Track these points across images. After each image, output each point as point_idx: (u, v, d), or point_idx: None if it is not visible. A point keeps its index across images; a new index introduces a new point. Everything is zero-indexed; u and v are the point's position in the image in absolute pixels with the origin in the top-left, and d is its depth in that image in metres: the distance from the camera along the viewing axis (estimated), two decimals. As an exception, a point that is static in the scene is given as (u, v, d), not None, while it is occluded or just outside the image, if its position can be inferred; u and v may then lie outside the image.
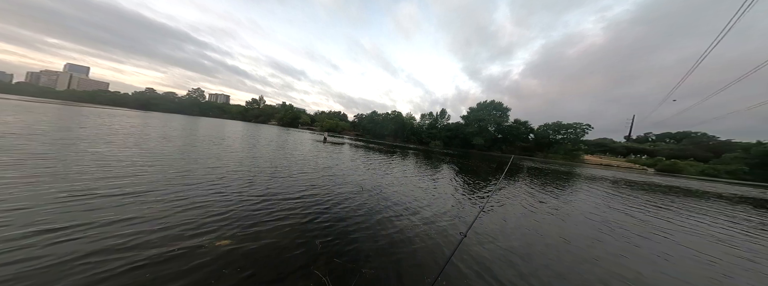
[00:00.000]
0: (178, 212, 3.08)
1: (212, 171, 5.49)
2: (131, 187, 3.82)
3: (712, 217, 6.71)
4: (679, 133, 73.68)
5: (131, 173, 4.63)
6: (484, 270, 2.59)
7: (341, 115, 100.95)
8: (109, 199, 3.24)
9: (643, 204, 7.68)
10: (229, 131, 20.49)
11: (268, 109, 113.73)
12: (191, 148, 8.51)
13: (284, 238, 2.63)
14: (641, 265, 3.21)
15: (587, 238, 4.09)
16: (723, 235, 5.01)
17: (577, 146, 53.59)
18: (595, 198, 7.96)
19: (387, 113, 78.56)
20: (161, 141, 9.62)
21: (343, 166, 8.63)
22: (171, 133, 13.36)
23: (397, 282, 2.14)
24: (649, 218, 5.98)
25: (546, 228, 4.32)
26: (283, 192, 4.46)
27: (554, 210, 5.66)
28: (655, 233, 4.67)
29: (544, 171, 17.22)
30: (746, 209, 8.48)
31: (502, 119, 60.09)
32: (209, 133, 16.59)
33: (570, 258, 3.20)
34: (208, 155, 7.43)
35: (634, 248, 3.77)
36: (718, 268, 3.39)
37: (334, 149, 15.47)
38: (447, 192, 6.45)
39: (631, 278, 2.81)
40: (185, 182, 4.36)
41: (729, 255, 3.90)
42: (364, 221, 3.45)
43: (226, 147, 10.14)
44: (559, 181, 11.82)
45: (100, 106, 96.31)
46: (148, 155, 6.43)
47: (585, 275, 2.82)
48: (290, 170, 6.80)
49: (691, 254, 3.84)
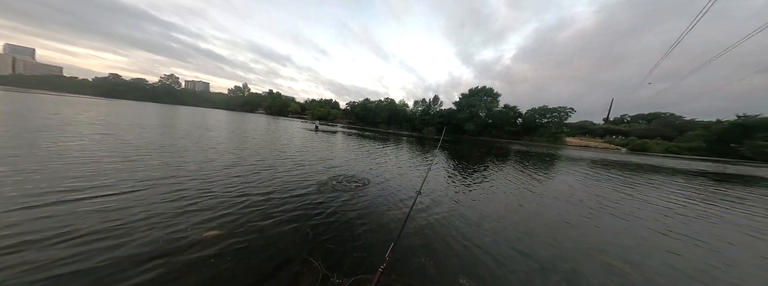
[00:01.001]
0: (164, 203, 2.96)
1: (197, 163, 5.23)
2: (112, 179, 3.66)
3: (656, 188, 7.71)
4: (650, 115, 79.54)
5: (116, 165, 4.40)
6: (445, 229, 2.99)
7: (333, 103, 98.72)
8: (91, 198, 3.01)
9: (612, 180, 8.54)
10: (213, 121, 19.23)
11: (254, 98, 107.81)
12: (173, 139, 7.99)
13: (274, 228, 2.57)
14: (605, 235, 3.45)
15: (554, 207, 4.65)
16: (663, 202, 5.80)
17: (560, 129, 56.91)
18: (566, 177, 8.55)
19: (380, 101, 78.03)
20: (142, 131, 9.09)
21: (334, 155, 8.35)
22: (147, 122, 12.86)
23: (392, 263, 2.15)
24: (616, 193, 6.59)
25: (511, 202, 4.72)
26: (271, 182, 4.32)
27: (523, 189, 5.87)
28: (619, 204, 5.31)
29: (529, 154, 18.12)
30: (684, 181, 9.81)
31: (492, 105, 61.81)
32: (192, 121, 15.65)
33: (539, 224, 3.64)
34: (193, 148, 7.01)
35: (599, 222, 4.06)
36: (646, 226, 3.89)
37: (325, 137, 14.77)
38: (433, 174, 6.71)
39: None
40: (169, 175, 4.14)
41: (668, 218, 4.57)
42: (354, 208, 3.43)
43: (211, 138, 9.59)
44: (538, 163, 11.98)
45: (56, 93, 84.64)
46: (132, 147, 6.10)
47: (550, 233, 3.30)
48: (279, 159, 6.47)
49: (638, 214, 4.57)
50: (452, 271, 2.18)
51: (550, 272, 2.35)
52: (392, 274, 2.04)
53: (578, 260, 2.66)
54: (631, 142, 55.20)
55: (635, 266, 2.63)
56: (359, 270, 2.03)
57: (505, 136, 61.87)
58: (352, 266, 2.07)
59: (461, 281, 2.04)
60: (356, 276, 1.94)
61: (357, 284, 1.87)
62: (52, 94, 58.47)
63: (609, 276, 2.38)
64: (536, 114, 59.06)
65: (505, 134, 62.16)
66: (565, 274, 2.35)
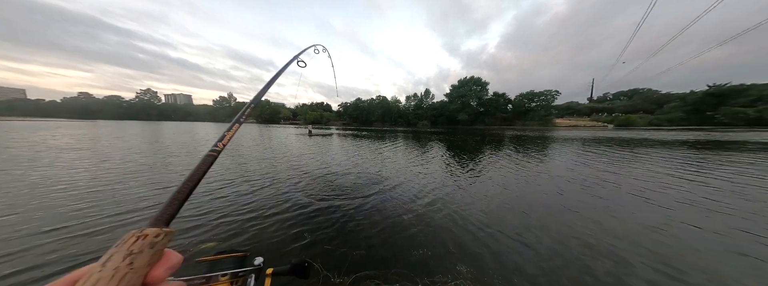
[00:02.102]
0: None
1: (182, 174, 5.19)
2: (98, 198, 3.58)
3: (640, 159, 7.96)
4: (629, 91, 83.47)
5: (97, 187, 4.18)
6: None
7: (325, 106, 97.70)
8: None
9: (605, 156, 8.72)
10: (202, 135, 18.29)
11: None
12: (161, 157, 7.53)
13: (271, 235, 2.55)
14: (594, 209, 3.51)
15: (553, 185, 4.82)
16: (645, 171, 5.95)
17: (548, 111, 58.84)
18: (564, 156, 8.62)
19: (372, 99, 77.90)
20: (128, 151, 8.58)
21: (327, 157, 8.21)
22: (132, 141, 12.13)
23: (388, 257, 2.20)
24: (607, 167, 6.77)
25: (512, 181, 4.97)
26: (263, 190, 4.23)
27: (522, 176, 5.80)
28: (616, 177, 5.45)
29: (522, 138, 18.33)
30: (661, 151, 10.17)
31: (482, 93, 63.01)
32: (178, 139, 14.03)
33: (530, 197, 3.92)
34: (180, 162, 6.82)
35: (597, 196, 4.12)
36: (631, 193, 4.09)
37: (319, 141, 14.53)
38: (427, 169, 6.47)
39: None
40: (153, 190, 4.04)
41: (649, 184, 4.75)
42: (349, 208, 3.40)
43: (200, 152, 9.33)
44: (533, 147, 11.90)
45: (23, 118, 77.59)
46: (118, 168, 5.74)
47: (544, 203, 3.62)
48: (271, 168, 6.32)
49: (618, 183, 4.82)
50: (450, 260, 2.17)
51: (552, 263, 2.16)
52: (392, 267, 2.04)
53: (589, 252, 2.34)
54: (616, 118, 57.84)
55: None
56: (360, 268, 2.02)
57: (498, 122, 63.36)
58: (352, 265, 2.06)
59: (459, 268, 2.05)
60: (357, 273, 1.95)
61: (358, 281, 1.88)
62: (22, 120, 54.64)
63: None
64: (525, 99, 60.75)
65: (498, 121, 63.66)
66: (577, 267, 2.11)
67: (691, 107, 49.83)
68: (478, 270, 2.05)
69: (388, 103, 75.43)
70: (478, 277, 1.97)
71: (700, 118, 47.53)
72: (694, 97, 50.25)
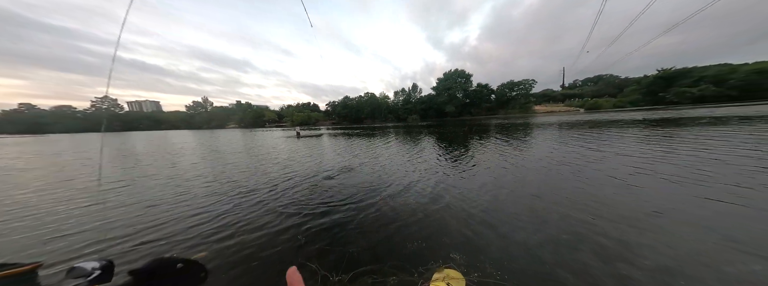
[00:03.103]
0: (143, 231, 2.87)
1: (172, 188, 4.89)
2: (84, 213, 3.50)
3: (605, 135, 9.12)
4: (595, 77, 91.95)
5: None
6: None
7: (312, 106, 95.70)
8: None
9: (582, 137, 9.53)
10: (180, 144, 16.45)
11: (219, 112, 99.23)
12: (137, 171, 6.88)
13: (265, 241, 2.52)
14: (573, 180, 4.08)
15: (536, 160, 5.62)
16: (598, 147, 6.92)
17: (528, 99, 63.52)
18: (546, 143, 8.84)
19: (360, 96, 78.11)
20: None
21: (317, 159, 7.99)
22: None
23: (383, 252, 2.22)
24: (586, 144, 7.54)
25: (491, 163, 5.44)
26: (251, 197, 4.08)
27: (508, 161, 5.96)
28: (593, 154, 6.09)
29: (506, 126, 19.09)
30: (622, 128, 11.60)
31: (467, 85, 66.13)
32: (150, 151, 12.69)
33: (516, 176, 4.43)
34: (164, 174, 6.32)
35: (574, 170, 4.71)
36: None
37: (308, 142, 14.10)
38: (418, 162, 6.51)
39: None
40: (149, 208, 3.76)
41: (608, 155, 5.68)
42: (343, 207, 3.36)
43: (182, 163, 8.35)
44: (515, 134, 12.48)
45: None
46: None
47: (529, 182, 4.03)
48: (257, 172, 6.15)
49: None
50: (444, 249, 2.21)
51: (540, 239, 2.31)
52: (388, 261, 2.06)
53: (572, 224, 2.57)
54: (586, 102, 63.97)
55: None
56: (357, 264, 2.05)
57: (483, 112, 67.14)
58: (350, 263, 2.07)
59: (452, 255, 2.09)
60: (355, 270, 1.97)
61: (356, 277, 1.89)
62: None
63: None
64: (506, 88, 64.88)
65: (483, 111, 67.42)
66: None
67: (645, 90, 56.62)
68: (470, 257, 2.10)
69: (377, 99, 76.20)
70: (472, 263, 2.02)
71: (654, 98, 54.33)
72: (647, 80, 57.06)
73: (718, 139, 7.16)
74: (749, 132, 8.20)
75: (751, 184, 3.46)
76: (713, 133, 8.48)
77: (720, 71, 48.99)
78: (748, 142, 6.51)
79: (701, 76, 50.05)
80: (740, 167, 4.30)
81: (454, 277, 1.74)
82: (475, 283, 1.79)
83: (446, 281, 1.70)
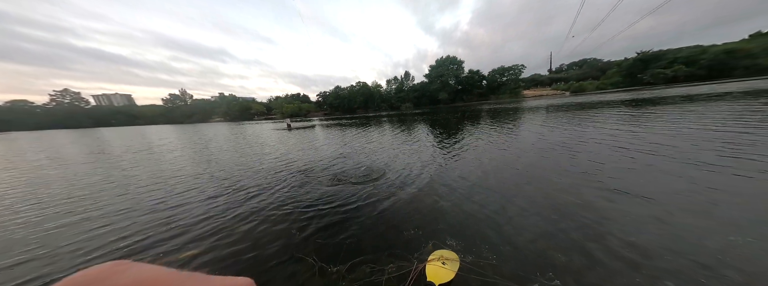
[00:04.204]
0: (128, 227, 2.86)
1: (157, 184, 4.74)
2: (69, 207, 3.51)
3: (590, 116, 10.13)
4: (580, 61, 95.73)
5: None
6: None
7: (302, 97, 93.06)
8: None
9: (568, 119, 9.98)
10: (165, 140, 15.59)
11: (201, 105, 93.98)
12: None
13: (258, 236, 2.50)
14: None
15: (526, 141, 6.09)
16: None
17: (517, 84, 65.67)
18: (535, 123, 9.63)
19: (352, 86, 77.07)
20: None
21: (308, 150, 7.93)
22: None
23: (380, 241, 2.26)
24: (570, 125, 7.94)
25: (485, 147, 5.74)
26: (243, 190, 4.04)
27: (497, 145, 6.29)
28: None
29: (497, 111, 19.68)
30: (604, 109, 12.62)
31: (459, 72, 67.00)
32: (130, 145, 12.30)
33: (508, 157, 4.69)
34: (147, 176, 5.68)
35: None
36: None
37: (299, 134, 13.87)
38: (412, 149, 6.62)
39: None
40: (133, 210, 3.54)
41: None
42: (335, 199, 3.36)
43: (168, 161, 7.84)
44: (505, 118, 12.68)
45: None
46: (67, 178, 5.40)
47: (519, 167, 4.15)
48: (249, 165, 6.07)
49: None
50: (440, 235, 2.25)
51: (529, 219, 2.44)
52: (386, 249, 2.11)
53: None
54: (572, 86, 67.15)
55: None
56: (354, 255, 2.07)
57: (475, 98, 68.87)
58: (346, 254, 2.10)
59: (449, 242, 2.11)
60: (353, 260, 2.00)
61: (353, 267, 1.92)
62: None
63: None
64: (497, 74, 66.48)
65: (475, 97, 69.07)
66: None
67: (625, 72, 60.20)
68: (467, 242, 2.15)
69: (369, 88, 75.58)
70: (468, 247, 2.07)
71: (633, 80, 58.12)
72: (627, 63, 60.54)
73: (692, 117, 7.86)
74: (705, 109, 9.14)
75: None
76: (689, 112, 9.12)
77: (692, 53, 52.94)
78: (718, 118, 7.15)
79: (675, 58, 53.88)
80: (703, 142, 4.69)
81: (450, 257, 1.81)
82: (471, 266, 1.84)
83: (442, 261, 1.76)
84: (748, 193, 2.71)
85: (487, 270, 1.79)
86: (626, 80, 60.07)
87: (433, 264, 1.75)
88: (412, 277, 1.72)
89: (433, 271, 1.70)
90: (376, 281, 1.75)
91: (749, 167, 3.38)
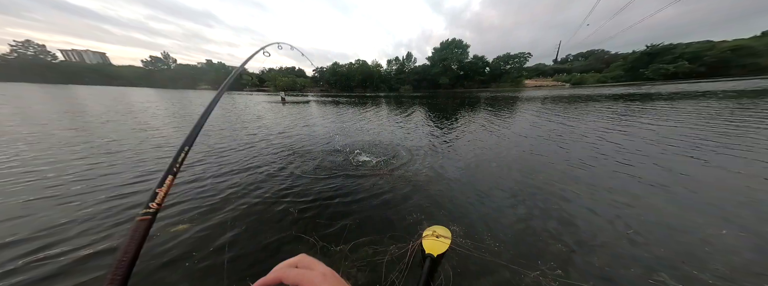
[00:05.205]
0: (105, 201, 2.67)
1: (140, 152, 4.61)
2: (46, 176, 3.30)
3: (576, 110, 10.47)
4: (587, 52, 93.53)
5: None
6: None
7: (298, 71, 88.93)
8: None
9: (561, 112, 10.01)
10: (153, 103, 15.28)
11: (186, 70, 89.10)
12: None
13: (256, 215, 2.44)
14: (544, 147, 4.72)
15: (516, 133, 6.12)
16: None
17: (520, 73, 64.50)
18: (526, 114, 10.02)
19: (351, 63, 73.76)
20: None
21: (305, 127, 7.80)
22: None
23: (386, 224, 2.27)
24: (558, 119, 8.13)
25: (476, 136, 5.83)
26: (238, 167, 3.89)
27: (496, 132, 6.47)
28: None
29: (495, 99, 19.92)
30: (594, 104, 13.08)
31: (463, 57, 64.82)
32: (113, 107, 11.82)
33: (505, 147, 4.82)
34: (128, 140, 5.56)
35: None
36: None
37: (294, 110, 13.78)
38: (413, 133, 6.60)
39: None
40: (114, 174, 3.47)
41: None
42: (333, 180, 3.31)
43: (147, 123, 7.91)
44: (503, 107, 12.93)
45: None
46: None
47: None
48: (236, 140, 5.78)
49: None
50: (442, 221, 2.26)
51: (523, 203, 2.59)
52: (388, 232, 2.14)
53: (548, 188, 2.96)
54: (573, 77, 66.62)
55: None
56: (357, 236, 2.07)
57: (476, 85, 67.80)
58: (348, 235, 2.09)
59: (453, 228, 2.11)
60: (355, 241, 2.00)
61: (356, 247, 1.92)
62: None
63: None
64: (501, 61, 64.78)
65: (476, 84, 67.92)
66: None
67: (629, 65, 59.67)
68: (468, 228, 2.17)
69: (369, 67, 72.79)
70: (469, 233, 2.09)
71: (634, 75, 57.95)
72: (633, 56, 59.73)
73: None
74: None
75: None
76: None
77: (699, 48, 52.35)
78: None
79: (681, 53, 53.34)
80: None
81: (442, 234, 1.90)
82: (471, 249, 1.91)
83: (435, 235, 1.88)
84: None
85: (484, 252, 1.87)
86: (628, 74, 59.87)
87: (429, 238, 1.86)
88: (411, 252, 1.83)
89: (429, 244, 1.80)
90: (379, 261, 1.79)
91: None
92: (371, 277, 1.68)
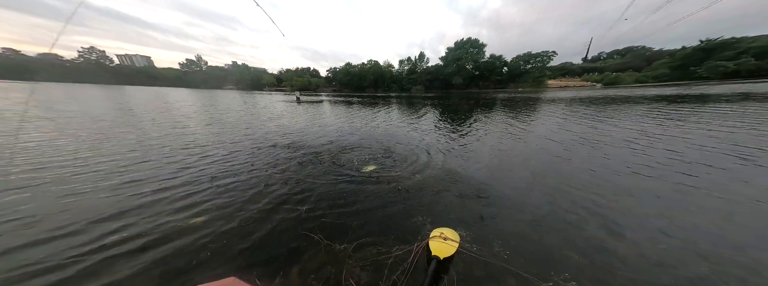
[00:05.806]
0: (133, 196, 2.81)
1: (167, 148, 4.89)
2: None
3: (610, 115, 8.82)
4: (624, 49, 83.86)
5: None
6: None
7: (312, 72, 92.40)
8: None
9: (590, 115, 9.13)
10: (188, 103, 16.69)
11: (216, 72, 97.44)
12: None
13: (263, 212, 2.49)
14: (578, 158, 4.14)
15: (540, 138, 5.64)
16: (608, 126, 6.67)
17: (542, 73, 59.44)
18: (551, 117, 9.06)
19: (363, 63, 74.46)
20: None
21: (317, 126, 7.99)
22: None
23: (390, 225, 2.25)
24: (594, 123, 7.30)
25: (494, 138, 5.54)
26: (250, 163, 4.04)
27: (513, 135, 6.14)
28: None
29: (513, 100, 18.64)
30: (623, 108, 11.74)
31: (478, 56, 61.76)
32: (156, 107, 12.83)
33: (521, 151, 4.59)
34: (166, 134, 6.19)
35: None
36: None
37: (308, 109, 14.36)
38: (422, 133, 6.55)
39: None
40: (145, 165, 3.82)
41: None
42: (342, 179, 3.32)
43: (180, 116, 9.27)
44: (521, 109, 12.26)
45: None
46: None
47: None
48: (254, 139, 5.93)
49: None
50: (449, 224, 2.19)
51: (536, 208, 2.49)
52: (392, 233, 2.12)
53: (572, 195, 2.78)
54: (606, 77, 59.79)
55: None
56: (361, 236, 2.07)
57: (492, 85, 64.02)
58: (353, 234, 2.10)
59: (460, 233, 2.05)
60: (359, 241, 1.99)
61: (360, 247, 1.92)
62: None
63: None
64: (521, 61, 60.45)
65: (492, 84, 64.13)
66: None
67: (678, 63, 51.89)
68: (476, 233, 2.11)
69: (381, 67, 72.74)
70: (477, 238, 2.03)
71: (682, 73, 50.22)
72: (683, 52, 51.92)
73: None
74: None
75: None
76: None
77: (768, 43, 43.68)
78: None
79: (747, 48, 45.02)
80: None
81: (450, 236, 1.85)
82: (477, 255, 1.84)
83: (443, 237, 1.83)
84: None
85: (494, 258, 1.81)
86: (675, 73, 52.07)
87: (436, 240, 1.81)
88: (415, 252, 1.79)
89: (436, 246, 1.76)
90: (383, 261, 1.77)
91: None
92: (375, 276, 1.68)
